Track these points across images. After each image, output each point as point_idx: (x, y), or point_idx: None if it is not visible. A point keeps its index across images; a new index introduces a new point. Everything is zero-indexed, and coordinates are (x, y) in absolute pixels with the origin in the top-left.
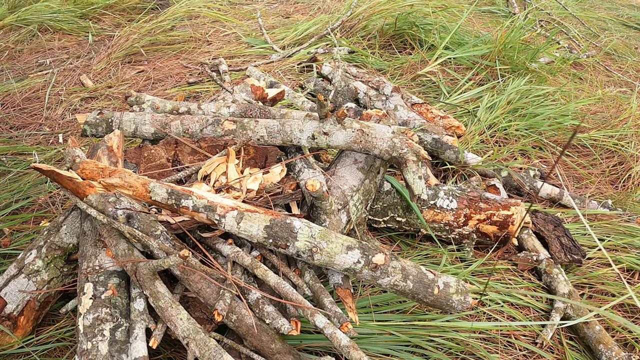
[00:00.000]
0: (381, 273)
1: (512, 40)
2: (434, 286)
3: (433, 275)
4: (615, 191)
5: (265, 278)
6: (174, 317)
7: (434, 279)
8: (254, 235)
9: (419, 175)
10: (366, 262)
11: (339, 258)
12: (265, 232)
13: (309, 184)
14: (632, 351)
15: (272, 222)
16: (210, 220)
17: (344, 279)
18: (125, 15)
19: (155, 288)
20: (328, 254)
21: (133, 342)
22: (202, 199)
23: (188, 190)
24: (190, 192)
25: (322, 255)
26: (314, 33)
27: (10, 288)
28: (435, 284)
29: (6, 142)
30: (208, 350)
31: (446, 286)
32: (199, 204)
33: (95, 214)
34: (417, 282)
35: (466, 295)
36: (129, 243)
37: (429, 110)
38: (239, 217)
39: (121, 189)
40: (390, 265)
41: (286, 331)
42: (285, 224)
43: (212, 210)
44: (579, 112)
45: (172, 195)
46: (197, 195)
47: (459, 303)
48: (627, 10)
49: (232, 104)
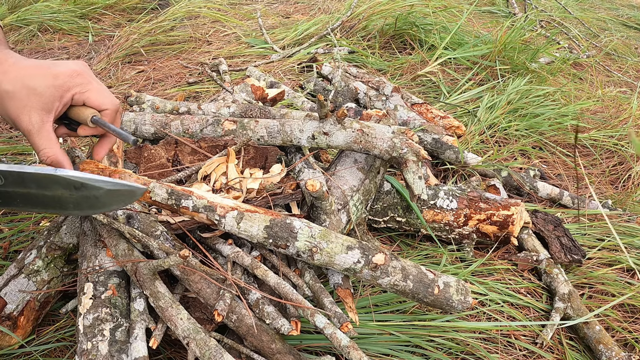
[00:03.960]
0: (381, 273)
1: (512, 41)
2: (434, 286)
3: (433, 275)
4: (615, 191)
5: (265, 278)
6: (175, 317)
7: (434, 278)
8: (254, 235)
9: (419, 175)
10: (366, 262)
11: (339, 258)
12: (265, 232)
13: (309, 184)
14: (632, 351)
15: (272, 222)
16: (210, 220)
17: (344, 279)
18: (125, 15)
19: (155, 288)
20: (328, 253)
21: (133, 342)
22: (202, 199)
23: (188, 191)
24: (190, 193)
25: (322, 255)
26: (314, 33)
27: (10, 288)
28: (435, 284)
29: (6, 142)
30: (208, 350)
31: (446, 286)
32: (199, 204)
33: (95, 215)
34: (417, 282)
35: (466, 295)
36: (129, 243)
37: (429, 110)
38: (239, 217)
39: None
40: (390, 265)
41: (286, 331)
42: (285, 224)
43: (212, 211)
44: (579, 112)
45: (172, 196)
46: (197, 196)
47: (459, 303)
48: (627, 10)
49: (232, 104)
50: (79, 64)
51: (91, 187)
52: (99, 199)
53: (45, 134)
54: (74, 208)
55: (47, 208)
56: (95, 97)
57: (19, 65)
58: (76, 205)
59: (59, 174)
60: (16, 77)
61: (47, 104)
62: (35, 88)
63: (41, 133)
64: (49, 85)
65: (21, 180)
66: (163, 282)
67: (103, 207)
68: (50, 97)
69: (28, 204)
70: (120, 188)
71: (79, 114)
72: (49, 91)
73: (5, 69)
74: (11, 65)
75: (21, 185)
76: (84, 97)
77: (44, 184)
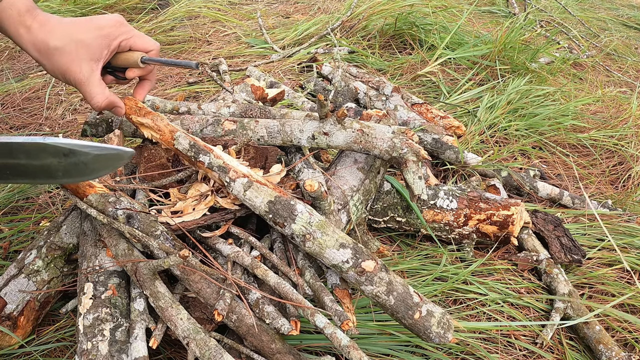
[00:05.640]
0: (366, 279)
1: (512, 41)
2: (416, 310)
3: (419, 300)
4: (615, 191)
5: (265, 278)
6: (174, 317)
7: (419, 303)
8: (256, 206)
9: (419, 175)
10: (354, 264)
11: (329, 252)
12: (268, 207)
13: (307, 184)
14: (632, 351)
15: (277, 199)
16: (220, 180)
17: (341, 279)
18: (125, 15)
19: (155, 288)
20: (320, 244)
21: (133, 342)
22: (219, 158)
23: (209, 148)
24: (210, 150)
25: (313, 244)
26: (314, 33)
27: (10, 288)
28: (418, 309)
29: None
30: (208, 350)
31: (429, 314)
32: (215, 163)
33: (95, 214)
34: (400, 301)
35: (447, 330)
36: (129, 243)
37: (429, 110)
38: (248, 185)
39: (150, 130)
40: (377, 274)
41: (286, 331)
42: (289, 204)
43: (225, 172)
44: (579, 113)
45: (192, 148)
46: (216, 155)
47: (436, 336)
48: (627, 10)
49: (232, 104)
50: (116, 16)
51: (79, 153)
52: (88, 165)
53: (96, 81)
54: (62, 176)
55: (36, 178)
56: (141, 41)
57: (63, 23)
58: (65, 172)
59: (47, 141)
60: (63, 34)
61: (96, 54)
62: (83, 40)
63: (92, 81)
64: (96, 37)
65: (9, 152)
66: (163, 282)
67: (92, 173)
68: (99, 47)
69: (17, 175)
70: (107, 152)
71: (128, 58)
72: (97, 41)
73: (51, 28)
74: (56, 24)
75: (10, 157)
76: (130, 42)
77: (33, 153)
